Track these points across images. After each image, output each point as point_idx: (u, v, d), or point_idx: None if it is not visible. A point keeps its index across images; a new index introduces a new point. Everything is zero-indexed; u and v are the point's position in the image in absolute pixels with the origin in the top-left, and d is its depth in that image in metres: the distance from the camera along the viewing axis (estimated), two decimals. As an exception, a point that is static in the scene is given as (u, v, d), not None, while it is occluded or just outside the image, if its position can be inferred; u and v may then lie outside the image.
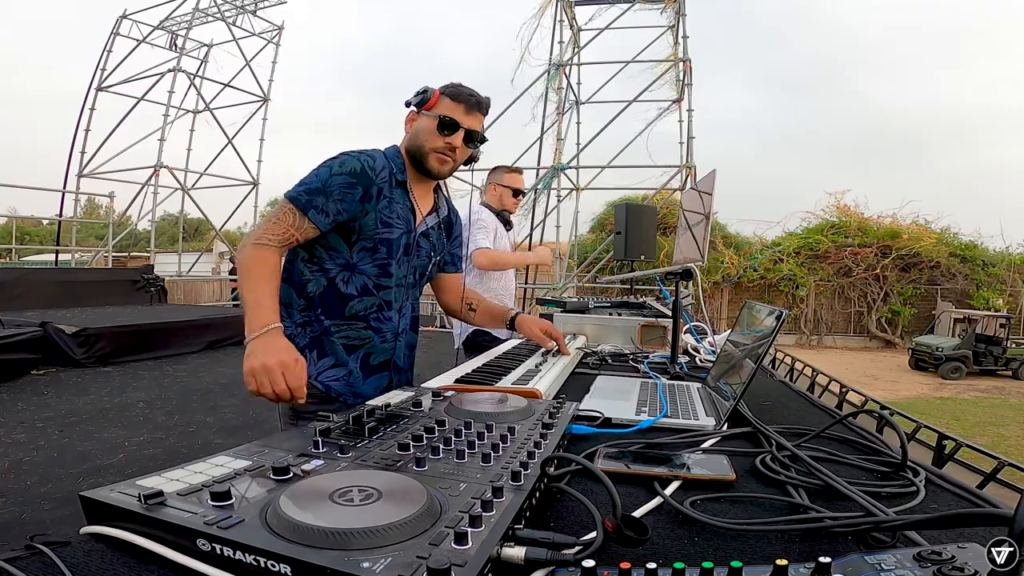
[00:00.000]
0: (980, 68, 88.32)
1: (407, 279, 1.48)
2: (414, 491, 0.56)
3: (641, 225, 3.71)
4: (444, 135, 1.39)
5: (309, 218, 1.29)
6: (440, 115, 1.39)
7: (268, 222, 1.29)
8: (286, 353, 1.10)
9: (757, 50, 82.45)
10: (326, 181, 1.31)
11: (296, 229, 1.29)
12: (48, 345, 5.53)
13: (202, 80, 14.01)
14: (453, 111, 1.40)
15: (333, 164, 1.34)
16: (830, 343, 15.11)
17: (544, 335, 1.71)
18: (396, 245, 1.41)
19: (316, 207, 1.29)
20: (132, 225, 13.65)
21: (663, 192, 12.28)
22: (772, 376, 1.79)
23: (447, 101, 1.41)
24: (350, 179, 1.32)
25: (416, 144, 1.42)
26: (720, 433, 1.02)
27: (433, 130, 1.40)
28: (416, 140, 1.43)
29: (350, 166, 1.33)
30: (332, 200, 1.30)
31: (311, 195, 1.30)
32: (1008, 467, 1.13)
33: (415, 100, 1.43)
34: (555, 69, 12.02)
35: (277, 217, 1.29)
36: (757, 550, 0.60)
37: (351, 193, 1.33)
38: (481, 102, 1.44)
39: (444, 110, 1.40)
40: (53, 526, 2.44)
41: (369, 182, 1.35)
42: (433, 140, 1.40)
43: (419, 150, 1.42)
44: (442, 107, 1.40)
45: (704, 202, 1.74)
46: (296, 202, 1.29)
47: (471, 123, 1.43)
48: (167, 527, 0.51)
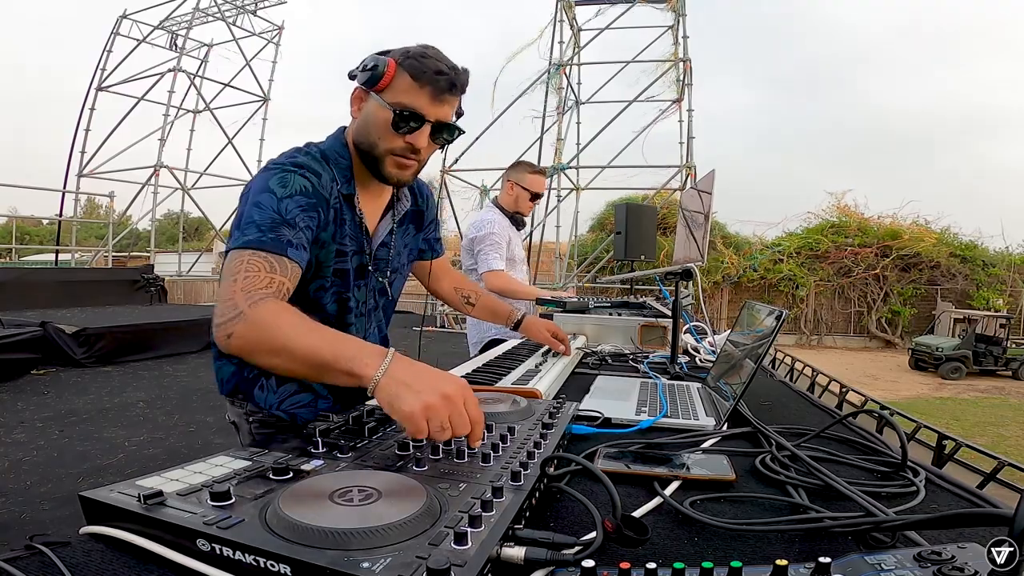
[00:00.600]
0: (980, 68, 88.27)
1: (367, 304, 1.24)
2: (414, 491, 0.56)
3: (641, 225, 3.72)
4: (402, 133, 1.05)
5: (290, 259, 0.95)
6: (397, 106, 1.02)
7: (238, 281, 0.90)
8: (452, 379, 0.76)
9: (757, 50, 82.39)
10: (279, 208, 0.98)
11: (282, 275, 0.94)
12: (48, 345, 5.54)
13: (202, 80, 14.03)
14: (414, 97, 1.02)
15: (272, 185, 1.00)
16: (830, 343, 15.11)
17: (552, 337, 1.65)
18: (350, 273, 1.16)
19: (291, 244, 0.96)
20: (132, 225, 13.66)
21: (663, 192, 12.29)
22: (772, 376, 1.79)
23: (406, 80, 1.02)
24: (305, 200, 1.01)
25: (367, 141, 1.08)
26: (720, 433, 1.02)
27: (388, 125, 1.04)
28: (367, 135, 1.08)
29: (297, 184, 1.01)
30: (300, 230, 0.99)
31: (276, 231, 0.95)
32: (1008, 467, 1.13)
33: (361, 76, 1.04)
34: (555, 69, 12.03)
35: (245, 272, 0.91)
36: (757, 550, 0.60)
37: (312, 219, 1.02)
38: (456, 82, 1.05)
39: (402, 95, 1.02)
40: (53, 526, 2.44)
41: (324, 203, 1.06)
42: (388, 139, 1.05)
43: (371, 149, 1.08)
44: (399, 89, 1.02)
45: (704, 202, 1.74)
46: (263, 246, 0.93)
47: (441, 112, 1.05)
48: (167, 527, 0.51)
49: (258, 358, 0.87)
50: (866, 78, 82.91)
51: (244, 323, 0.85)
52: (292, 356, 0.83)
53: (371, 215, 1.20)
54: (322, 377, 0.83)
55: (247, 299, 0.87)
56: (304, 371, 0.84)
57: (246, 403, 1.22)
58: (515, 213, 2.70)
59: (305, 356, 0.82)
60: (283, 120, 28.37)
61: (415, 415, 0.69)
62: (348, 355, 0.78)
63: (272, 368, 0.88)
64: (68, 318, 6.07)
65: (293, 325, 0.85)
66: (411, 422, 0.70)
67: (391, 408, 0.72)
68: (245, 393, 1.21)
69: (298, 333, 0.83)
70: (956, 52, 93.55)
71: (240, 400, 1.23)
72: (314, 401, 1.21)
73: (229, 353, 0.89)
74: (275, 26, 14.73)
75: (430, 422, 0.69)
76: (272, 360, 0.85)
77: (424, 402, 0.70)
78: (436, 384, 0.73)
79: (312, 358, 0.81)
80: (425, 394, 0.71)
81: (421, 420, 0.69)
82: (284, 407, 1.20)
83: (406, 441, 0.74)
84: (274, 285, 0.92)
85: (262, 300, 0.88)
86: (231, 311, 0.87)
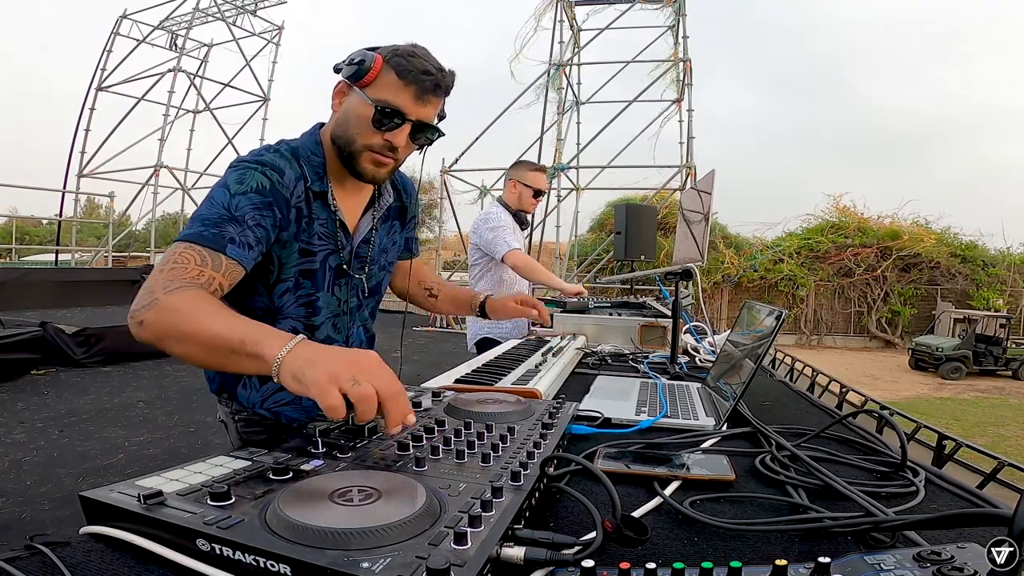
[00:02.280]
0: (980, 68, 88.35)
1: (349, 303, 1.20)
2: (414, 491, 0.56)
3: (641, 225, 3.72)
4: (383, 131, 1.05)
5: (228, 256, 0.93)
6: (380, 102, 1.02)
7: (164, 272, 0.89)
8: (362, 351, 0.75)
9: (757, 50, 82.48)
10: (229, 204, 0.97)
11: (215, 270, 0.92)
12: (48, 345, 5.55)
13: (202, 80, 14.04)
14: (398, 95, 1.02)
15: (229, 181, 1.00)
16: (830, 343, 15.11)
17: (522, 306, 1.49)
18: (322, 273, 1.13)
19: (233, 241, 0.94)
20: (132, 225, 13.65)
21: (663, 192, 12.29)
22: (772, 376, 1.79)
23: (391, 78, 1.02)
24: (260, 198, 0.99)
25: (345, 136, 1.07)
26: (720, 433, 1.02)
27: (368, 121, 1.03)
28: (346, 129, 1.07)
29: (255, 181, 1.00)
30: (248, 228, 0.97)
31: (220, 226, 0.94)
32: (1008, 467, 1.13)
33: (347, 70, 1.04)
34: (555, 69, 12.03)
35: (173, 263, 0.90)
36: (757, 550, 0.60)
37: (267, 217, 1.00)
38: (441, 83, 1.05)
39: (386, 92, 1.02)
40: (53, 526, 2.44)
41: (283, 202, 1.03)
42: (367, 135, 1.05)
43: (348, 144, 1.07)
44: (383, 86, 1.02)
45: (704, 202, 1.74)
46: (201, 240, 0.92)
47: (423, 112, 1.05)
48: (167, 527, 0.51)
49: (168, 345, 0.84)
50: (866, 78, 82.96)
51: (155, 310, 0.83)
52: (199, 342, 0.80)
53: (351, 212, 1.18)
54: (229, 364, 0.80)
55: (164, 288, 0.86)
56: (212, 359, 0.82)
57: (231, 402, 1.21)
58: (519, 211, 2.77)
59: (211, 341, 0.79)
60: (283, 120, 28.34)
61: (320, 382, 0.66)
62: (255, 338, 0.76)
63: (183, 357, 0.84)
64: (68, 318, 6.08)
65: (205, 312, 0.82)
66: (318, 389, 0.66)
67: (297, 384, 0.69)
68: (229, 392, 1.20)
69: (207, 319, 0.81)
70: (956, 52, 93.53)
71: (226, 399, 1.22)
72: (298, 398, 1.13)
73: (140, 341, 0.87)
74: (275, 26, 14.74)
75: (341, 385, 0.66)
76: (180, 347, 0.83)
77: (329, 370, 0.67)
78: (341, 354, 0.71)
79: (218, 344, 0.79)
80: (330, 364, 0.68)
81: (330, 386, 0.65)
82: (267, 405, 1.18)
83: (406, 441, 0.74)
84: (203, 278, 0.90)
85: (179, 289, 0.86)
86: (146, 299, 0.85)
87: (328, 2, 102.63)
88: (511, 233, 2.62)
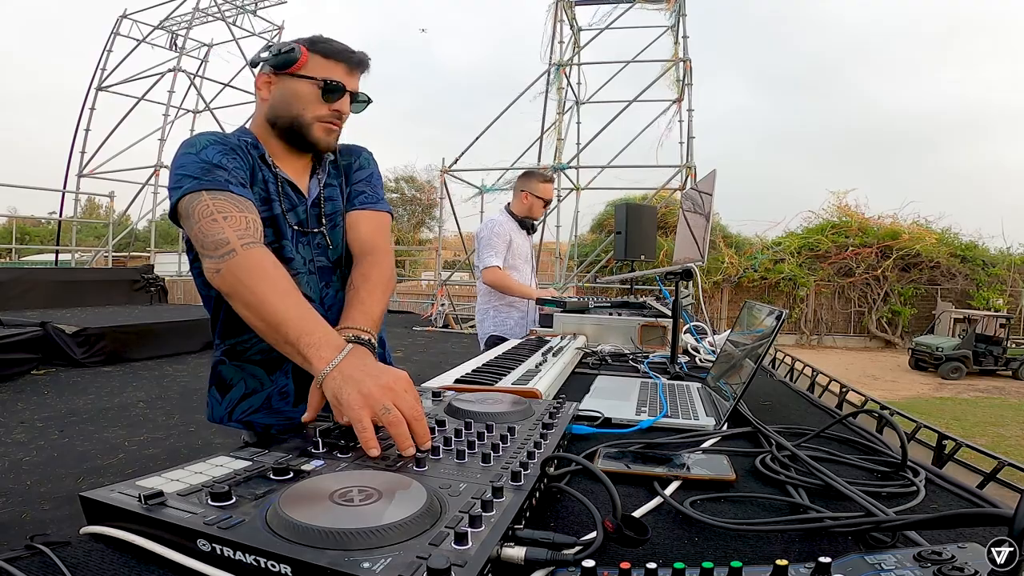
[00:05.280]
0: (981, 68, 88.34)
1: (316, 262, 1.22)
2: (414, 491, 0.56)
3: (641, 225, 3.72)
4: (331, 101, 1.16)
5: (235, 194, 1.02)
6: (324, 79, 1.15)
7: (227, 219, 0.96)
8: (393, 371, 0.83)
9: (757, 50, 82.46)
10: (200, 158, 1.04)
11: (251, 212, 1.01)
12: (48, 345, 5.55)
13: (202, 80, 14.03)
14: (332, 72, 1.16)
15: (182, 152, 1.07)
16: (830, 343, 15.11)
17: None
18: (283, 223, 1.17)
19: (230, 182, 1.02)
20: (132, 225, 13.65)
21: (663, 192, 12.29)
22: (772, 376, 1.79)
23: (320, 60, 1.16)
24: (222, 147, 1.08)
25: (290, 114, 1.16)
26: (720, 433, 1.02)
27: (316, 97, 1.15)
28: (289, 109, 1.16)
29: (206, 140, 1.09)
30: (231, 170, 1.05)
31: (211, 173, 1.02)
32: (1008, 467, 1.12)
33: (274, 60, 1.15)
34: (556, 69, 12.03)
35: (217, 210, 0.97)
36: (757, 550, 0.60)
37: (235, 159, 1.09)
38: (363, 60, 1.20)
39: (321, 71, 1.15)
40: (53, 526, 2.44)
41: (241, 150, 1.13)
42: (315, 108, 1.16)
43: (296, 120, 1.16)
44: (316, 68, 1.15)
45: (704, 202, 1.74)
46: (205, 185, 0.99)
47: (354, 84, 1.20)
48: (167, 527, 0.51)
49: (235, 303, 0.93)
50: (867, 78, 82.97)
51: (233, 262, 0.92)
52: (261, 317, 0.89)
53: (296, 178, 1.23)
54: (281, 349, 0.90)
55: (240, 238, 0.94)
56: (268, 337, 0.91)
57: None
58: (525, 218, 2.86)
59: (272, 321, 0.89)
60: (283, 120, 28.17)
61: (354, 407, 0.75)
62: (308, 341, 0.85)
63: (244, 319, 0.92)
64: (68, 318, 6.08)
65: (274, 288, 0.90)
66: (353, 414, 0.74)
67: (336, 403, 0.79)
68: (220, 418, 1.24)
69: (275, 298, 0.89)
70: (957, 51, 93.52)
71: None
72: (267, 400, 1.18)
73: (214, 285, 0.94)
74: (275, 26, 14.74)
75: (374, 410, 0.74)
76: (244, 312, 0.91)
77: (363, 392, 0.76)
78: (380, 376, 0.80)
79: (278, 328, 0.88)
80: (365, 384, 0.78)
81: (363, 412, 0.74)
82: (237, 417, 1.19)
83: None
84: (252, 226, 0.98)
85: (252, 245, 0.95)
86: (223, 247, 0.93)
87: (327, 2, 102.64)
88: (492, 248, 2.71)
